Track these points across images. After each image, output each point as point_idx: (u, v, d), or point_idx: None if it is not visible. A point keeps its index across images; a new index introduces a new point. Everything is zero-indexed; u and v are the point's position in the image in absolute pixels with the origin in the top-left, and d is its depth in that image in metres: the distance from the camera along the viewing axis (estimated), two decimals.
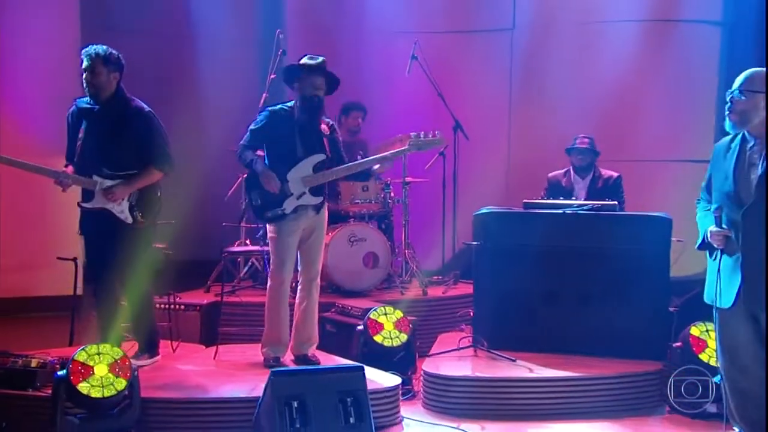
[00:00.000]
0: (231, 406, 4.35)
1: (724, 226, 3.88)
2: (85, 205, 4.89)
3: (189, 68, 8.26)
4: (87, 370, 4.07)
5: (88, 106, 4.93)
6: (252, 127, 5.06)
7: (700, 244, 4.01)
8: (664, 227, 5.46)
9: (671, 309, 5.47)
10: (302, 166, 4.95)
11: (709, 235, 3.90)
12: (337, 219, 6.74)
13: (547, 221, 5.53)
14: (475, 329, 5.51)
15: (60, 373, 4.09)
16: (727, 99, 3.87)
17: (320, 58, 5.03)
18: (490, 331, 5.49)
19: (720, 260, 3.88)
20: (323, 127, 5.07)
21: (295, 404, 3.82)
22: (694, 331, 4.93)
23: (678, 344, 4.95)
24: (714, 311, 3.97)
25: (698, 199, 4.23)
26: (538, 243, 5.45)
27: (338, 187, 6.73)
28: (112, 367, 4.12)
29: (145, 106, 5.02)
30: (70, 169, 4.87)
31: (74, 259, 5.56)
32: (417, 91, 7.00)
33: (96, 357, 4.13)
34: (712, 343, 4.86)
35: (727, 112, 3.86)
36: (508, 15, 9.15)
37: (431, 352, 5.50)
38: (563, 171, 6.58)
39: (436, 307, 6.38)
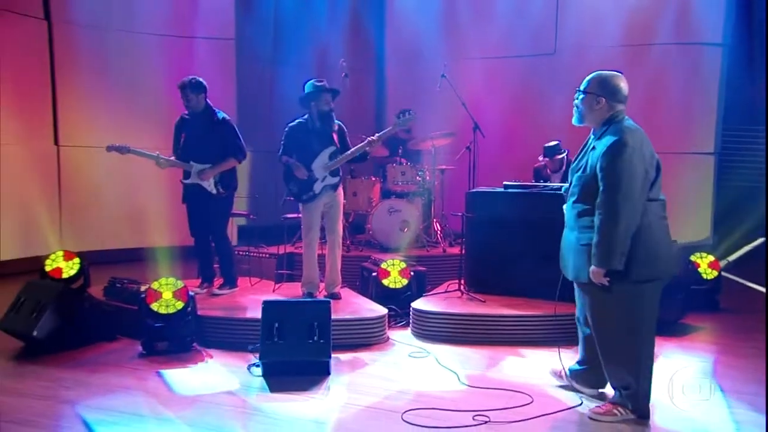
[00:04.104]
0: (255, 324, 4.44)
1: None
2: (184, 181, 5.22)
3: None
4: (157, 295, 4.37)
5: (188, 117, 5.21)
6: (282, 141, 5.15)
7: None
8: None
9: None
10: (321, 157, 5.01)
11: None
12: (384, 195, 6.79)
13: (519, 198, 5.31)
14: (462, 278, 5.38)
15: (141, 296, 4.45)
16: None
17: (323, 81, 5.05)
18: (473, 280, 5.38)
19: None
20: (334, 126, 5.09)
21: (277, 324, 3.94)
22: None
23: None
24: None
25: None
26: (512, 215, 5.25)
27: (386, 172, 6.76)
28: (175, 294, 4.38)
29: (225, 115, 5.26)
30: (172, 158, 5.19)
31: None
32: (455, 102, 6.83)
33: (165, 286, 4.40)
34: None
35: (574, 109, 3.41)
36: (551, 41, 8.75)
37: (427, 293, 5.44)
38: (543, 162, 6.25)
39: (451, 261, 6.24)
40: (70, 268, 5.32)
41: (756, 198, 7.39)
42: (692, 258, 5.77)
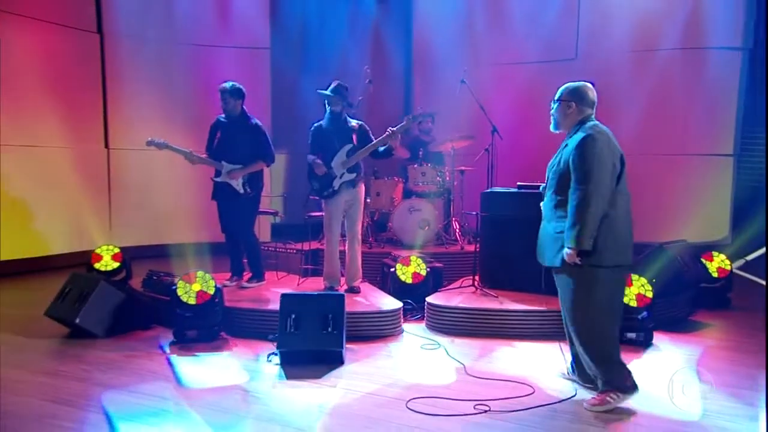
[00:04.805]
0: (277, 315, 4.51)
1: None
2: (215, 179, 5.30)
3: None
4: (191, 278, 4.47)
5: (224, 120, 5.31)
6: (309, 141, 5.18)
7: None
8: None
9: None
10: (340, 154, 5.04)
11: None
12: (405, 195, 6.80)
13: (530, 198, 5.20)
14: (475, 273, 5.35)
15: (173, 287, 4.56)
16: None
17: (337, 84, 5.05)
18: (487, 276, 5.35)
19: None
20: (354, 125, 5.09)
21: (293, 316, 3.99)
22: None
23: None
24: None
25: None
26: (525, 214, 5.14)
27: (408, 173, 6.77)
28: (203, 286, 4.50)
29: (258, 121, 5.32)
30: (205, 156, 5.29)
31: None
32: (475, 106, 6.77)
33: (194, 278, 4.51)
34: (634, 289, 4.47)
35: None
36: (572, 47, 8.62)
37: (443, 288, 5.43)
38: None
39: (467, 258, 6.19)
40: (112, 261, 5.52)
41: None
42: (703, 257, 5.62)
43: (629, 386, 3.34)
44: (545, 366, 4.01)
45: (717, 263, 5.60)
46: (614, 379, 3.34)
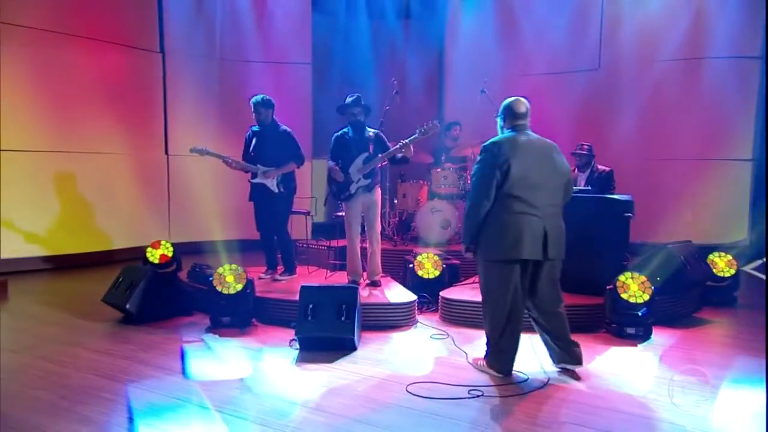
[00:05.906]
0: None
1: None
2: (252, 180, 5.48)
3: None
4: (222, 278, 4.67)
5: (257, 129, 5.50)
6: (330, 148, 5.28)
7: None
8: (625, 206, 4.92)
9: (625, 263, 4.95)
10: (356, 162, 5.11)
11: None
12: (430, 197, 6.83)
13: None
14: None
15: (209, 278, 4.76)
16: None
17: (356, 95, 5.13)
18: None
19: None
20: (370, 134, 5.16)
21: (311, 305, 4.11)
22: (621, 277, 4.45)
23: (610, 286, 4.49)
24: None
25: None
26: None
27: (430, 176, 6.81)
28: (236, 278, 4.68)
29: (287, 127, 5.48)
30: (243, 162, 5.46)
31: None
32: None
33: (228, 271, 4.69)
34: (634, 286, 4.39)
35: None
36: (595, 57, 8.48)
37: (457, 283, 5.45)
38: (572, 168, 6.07)
39: None
40: (167, 251, 5.82)
41: None
42: (710, 257, 5.45)
43: (500, 368, 3.62)
44: (542, 356, 4.00)
45: (723, 263, 5.44)
46: (492, 353, 3.65)
